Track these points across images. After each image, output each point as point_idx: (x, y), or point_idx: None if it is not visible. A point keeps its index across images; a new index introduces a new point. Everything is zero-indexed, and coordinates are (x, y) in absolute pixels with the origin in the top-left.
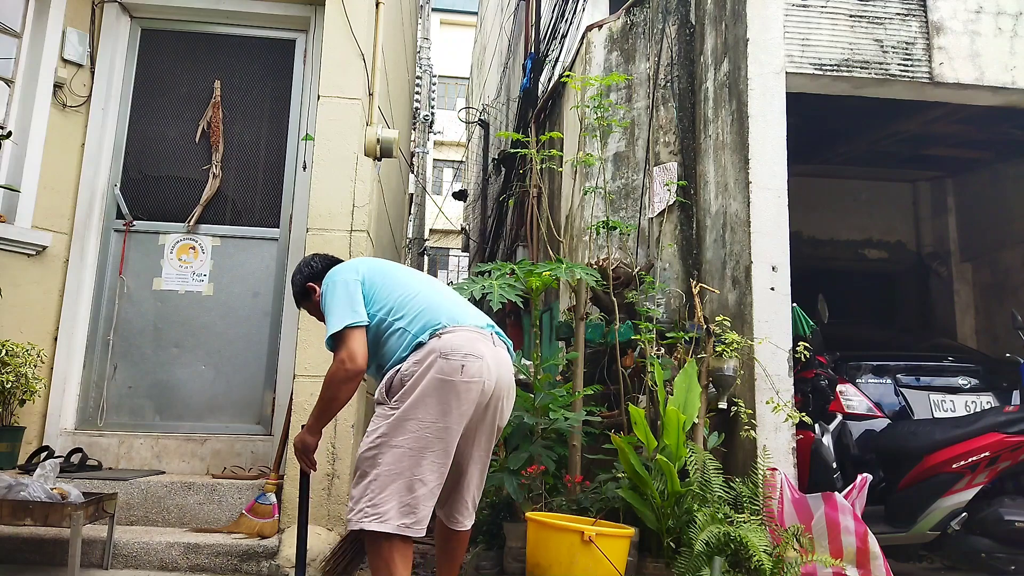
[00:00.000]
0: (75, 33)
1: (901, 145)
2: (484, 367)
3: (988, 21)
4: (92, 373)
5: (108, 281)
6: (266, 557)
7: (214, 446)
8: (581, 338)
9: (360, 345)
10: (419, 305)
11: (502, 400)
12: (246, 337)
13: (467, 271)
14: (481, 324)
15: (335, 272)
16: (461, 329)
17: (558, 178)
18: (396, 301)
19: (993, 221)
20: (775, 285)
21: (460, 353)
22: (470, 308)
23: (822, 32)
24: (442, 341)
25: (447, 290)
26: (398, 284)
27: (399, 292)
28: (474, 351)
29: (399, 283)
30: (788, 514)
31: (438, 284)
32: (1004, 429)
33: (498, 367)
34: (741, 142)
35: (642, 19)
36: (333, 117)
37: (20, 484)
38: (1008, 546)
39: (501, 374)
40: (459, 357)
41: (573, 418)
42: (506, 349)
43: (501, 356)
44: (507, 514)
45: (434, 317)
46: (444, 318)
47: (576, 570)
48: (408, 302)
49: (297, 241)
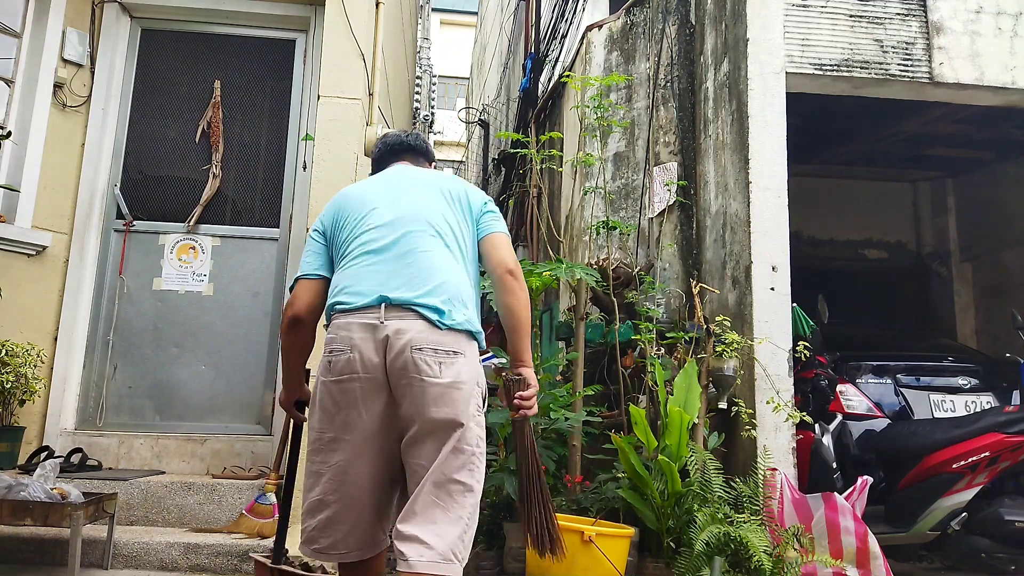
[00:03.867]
0: (75, 33)
1: (901, 145)
2: (354, 360)
3: (988, 21)
4: (92, 373)
5: (108, 281)
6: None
7: (214, 446)
8: (581, 338)
9: (300, 292)
10: (341, 268)
11: (404, 389)
12: (246, 337)
13: None
14: (386, 296)
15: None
16: (348, 314)
17: (558, 178)
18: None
19: (993, 221)
20: (775, 285)
21: (328, 347)
22: (397, 268)
23: (822, 32)
24: (328, 330)
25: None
26: (348, 230)
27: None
28: (342, 342)
29: (349, 229)
30: (788, 514)
31: (390, 225)
32: (1004, 429)
33: (380, 352)
34: (741, 142)
35: (642, 19)
36: (333, 117)
37: (20, 484)
38: (1008, 546)
39: (391, 360)
40: (327, 352)
41: (573, 418)
42: (419, 317)
43: (389, 334)
44: (507, 514)
45: (336, 289)
46: (345, 293)
47: (576, 570)
48: (339, 263)
49: (297, 241)
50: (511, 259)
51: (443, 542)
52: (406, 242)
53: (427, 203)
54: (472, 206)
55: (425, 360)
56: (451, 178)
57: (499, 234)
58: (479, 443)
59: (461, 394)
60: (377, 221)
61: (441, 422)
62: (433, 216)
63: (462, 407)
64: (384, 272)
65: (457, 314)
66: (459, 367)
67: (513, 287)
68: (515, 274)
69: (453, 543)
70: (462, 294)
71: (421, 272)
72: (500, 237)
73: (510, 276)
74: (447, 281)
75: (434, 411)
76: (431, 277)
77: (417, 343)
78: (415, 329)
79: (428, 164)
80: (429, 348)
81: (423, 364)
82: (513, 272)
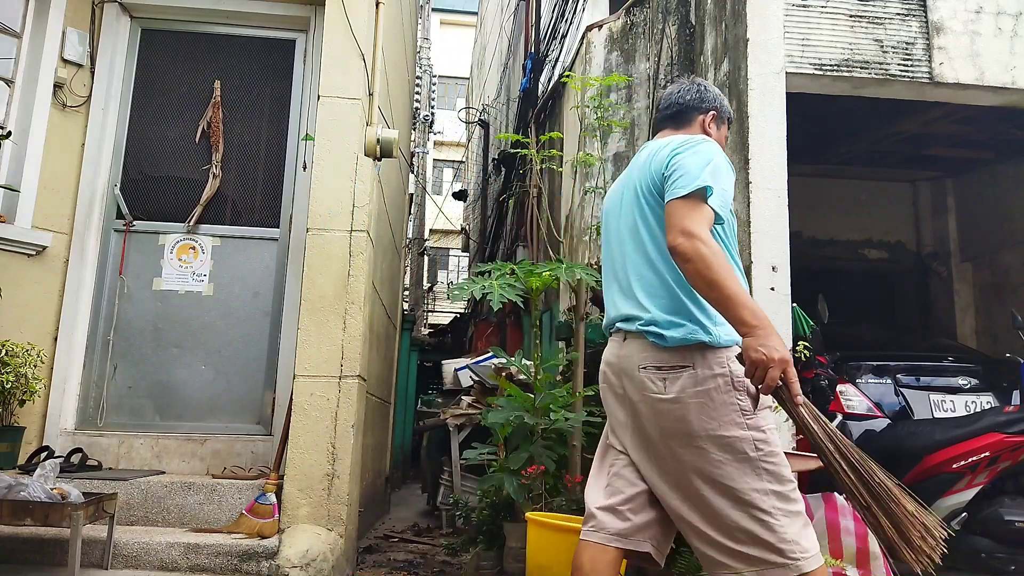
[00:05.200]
0: (75, 33)
1: (901, 145)
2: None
3: (988, 21)
4: (92, 373)
5: (108, 281)
6: (266, 557)
7: (214, 446)
8: (581, 338)
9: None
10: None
11: (634, 404)
12: (246, 337)
13: (467, 271)
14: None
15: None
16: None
17: (558, 178)
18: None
19: (993, 221)
20: (775, 285)
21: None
22: (620, 292)
23: (822, 32)
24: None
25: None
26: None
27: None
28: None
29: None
30: None
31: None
32: (1004, 429)
33: (619, 370)
34: (741, 142)
35: (642, 19)
36: (333, 117)
37: (20, 484)
38: (1008, 546)
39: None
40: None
41: (574, 418)
42: (640, 335)
43: (622, 353)
44: (507, 514)
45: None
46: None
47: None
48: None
49: (297, 241)
50: (676, 226)
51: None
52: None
53: (627, 220)
54: (655, 179)
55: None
56: (657, 152)
57: (666, 206)
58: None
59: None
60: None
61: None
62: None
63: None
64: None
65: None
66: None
67: (679, 261)
68: (677, 248)
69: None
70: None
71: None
72: (670, 206)
73: (673, 250)
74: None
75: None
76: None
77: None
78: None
79: (701, 116)
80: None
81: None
82: (674, 247)
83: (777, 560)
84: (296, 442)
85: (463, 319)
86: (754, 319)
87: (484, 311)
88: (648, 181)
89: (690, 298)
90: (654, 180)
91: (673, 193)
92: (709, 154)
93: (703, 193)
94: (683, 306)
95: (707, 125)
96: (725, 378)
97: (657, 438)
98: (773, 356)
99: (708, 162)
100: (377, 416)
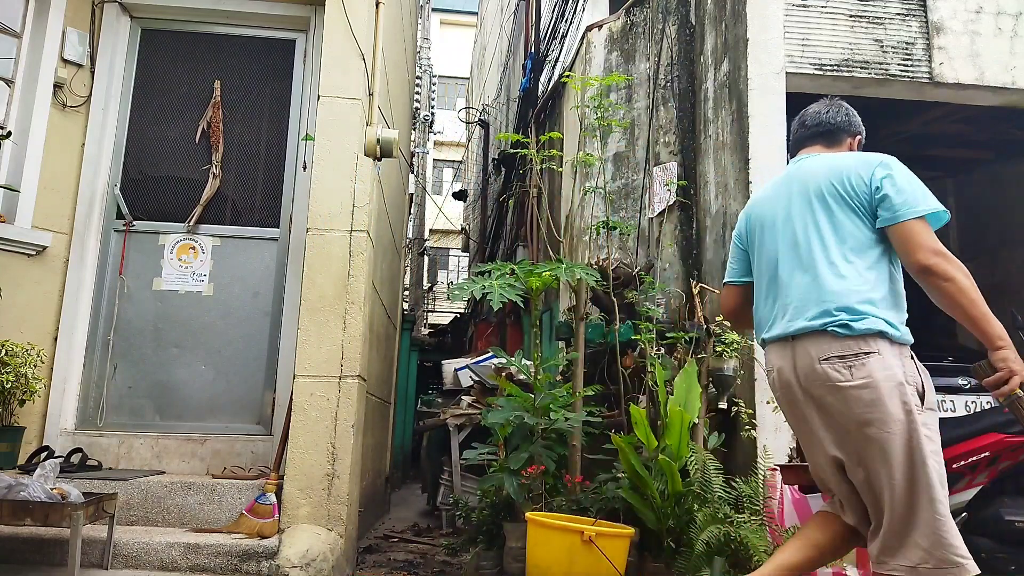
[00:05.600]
0: (75, 33)
1: (901, 145)
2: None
3: (988, 21)
4: (92, 373)
5: (108, 281)
6: (266, 557)
7: (214, 446)
8: (581, 338)
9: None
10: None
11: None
12: (246, 337)
13: (467, 271)
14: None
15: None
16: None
17: (558, 178)
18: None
19: (993, 221)
20: None
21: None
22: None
23: (822, 32)
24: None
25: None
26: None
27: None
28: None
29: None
30: (788, 514)
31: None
32: (1004, 429)
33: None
34: (741, 142)
35: (642, 19)
36: (333, 117)
37: (20, 484)
38: (1008, 546)
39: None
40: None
41: (573, 418)
42: (819, 332)
43: (798, 353)
44: (507, 514)
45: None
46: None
47: (576, 570)
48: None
49: (297, 241)
50: (924, 245)
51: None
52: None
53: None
54: (848, 188)
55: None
56: (837, 163)
57: (900, 225)
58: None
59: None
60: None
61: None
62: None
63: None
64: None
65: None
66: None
67: (932, 279)
68: (933, 267)
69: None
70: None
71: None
72: (908, 226)
73: (927, 269)
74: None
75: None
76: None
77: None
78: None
79: (849, 139)
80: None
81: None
82: (928, 266)
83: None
84: (296, 442)
85: (463, 319)
86: (1003, 336)
87: (484, 311)
88: (834, 188)
89: (874, 292)
90: (846, 188)
91: (909, 212)
92: (915, 177)
93: (936, 217)
94: (869, 300)
95: (853, 147)
96: (904, 371)
97: (843, 424)
98: (1018, 370)
99: (921, 185)
100: (377, 416)
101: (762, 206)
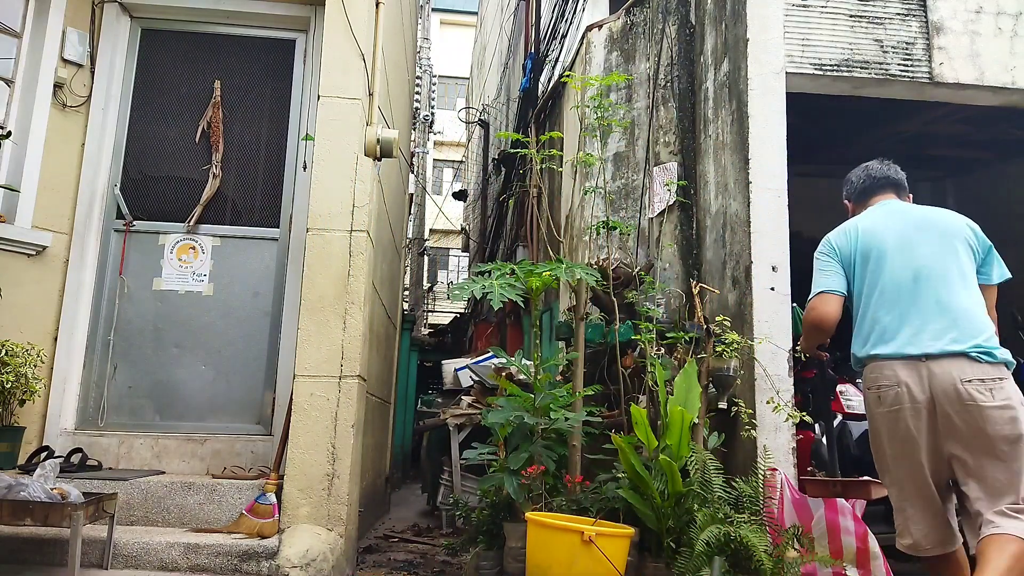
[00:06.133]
0: (75, 33)
1: (901, 145)
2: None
3: (988, 21)
4: (92, 373)
5: (108, 281)
6: (266, 557)
7: (214, 446)
8: (581, 338)
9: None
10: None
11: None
12: (246, 337)
13: (467, 271)
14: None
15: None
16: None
17: (558, 178)
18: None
19: (993, 221)
20: (775, 285)
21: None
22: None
23: (822, 32)
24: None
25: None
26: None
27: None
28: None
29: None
30: (788, 514)
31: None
32: None
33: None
34: (741, 142)
35: (642, 19)
36: (333, 117)
37: (20, 484)
38: None
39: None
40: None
41: (573, 418)
42: (961, 355)
43: (936, 372)
44: (507, 514)
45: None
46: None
47: (576, 570)
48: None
49: (297, 241)
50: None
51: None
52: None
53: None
54: (968, 241)
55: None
56: (953, 219)
57: (997, 284)
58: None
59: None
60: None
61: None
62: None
63: None
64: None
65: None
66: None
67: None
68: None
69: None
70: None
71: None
72: (996, 287)
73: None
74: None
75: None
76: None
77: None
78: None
79: (907, 193)
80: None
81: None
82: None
83: None
84: (296, 442)
85: (463, 319)
86: None
87: (484, 311)
88: (968, 239)
89: (991, 328)
90: (973, 243)
91: (1002, 277)
92: None
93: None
94: (995, 334)
95: (909, 200)
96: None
97: (973, 433)
98: None
99: None
100: (377, 416)
101: (875, 234)
